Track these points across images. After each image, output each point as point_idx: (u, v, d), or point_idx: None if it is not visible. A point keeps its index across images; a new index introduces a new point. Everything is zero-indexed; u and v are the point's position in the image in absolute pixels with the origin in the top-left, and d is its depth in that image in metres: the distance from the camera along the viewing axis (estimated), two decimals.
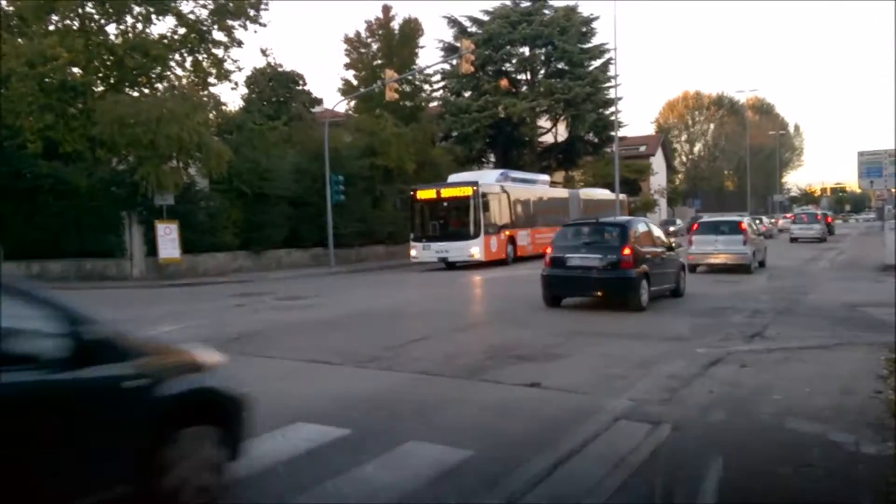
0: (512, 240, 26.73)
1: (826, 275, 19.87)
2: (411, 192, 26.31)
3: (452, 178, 28.58)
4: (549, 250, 13.55)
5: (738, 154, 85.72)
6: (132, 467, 3.55)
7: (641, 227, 13.78)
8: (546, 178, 34.29)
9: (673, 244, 14.94)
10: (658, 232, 14.86)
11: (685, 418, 5.78)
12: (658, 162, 67.90)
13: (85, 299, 17.19)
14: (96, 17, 25.09)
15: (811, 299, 13.93)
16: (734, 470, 4.58)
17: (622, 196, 39.45)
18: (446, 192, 25.73)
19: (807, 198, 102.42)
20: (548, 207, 30.63)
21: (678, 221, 61.42)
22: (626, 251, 12.39)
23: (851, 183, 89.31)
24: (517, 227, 27.49)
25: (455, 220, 25.44)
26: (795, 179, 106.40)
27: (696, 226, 21.81)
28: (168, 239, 22.21)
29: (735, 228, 20.21)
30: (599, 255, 12.60)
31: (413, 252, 25.86)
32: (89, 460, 3.43)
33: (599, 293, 12.89)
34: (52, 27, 24.36)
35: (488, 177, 27.92)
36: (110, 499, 3.48)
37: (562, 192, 33.92)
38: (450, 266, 25.17)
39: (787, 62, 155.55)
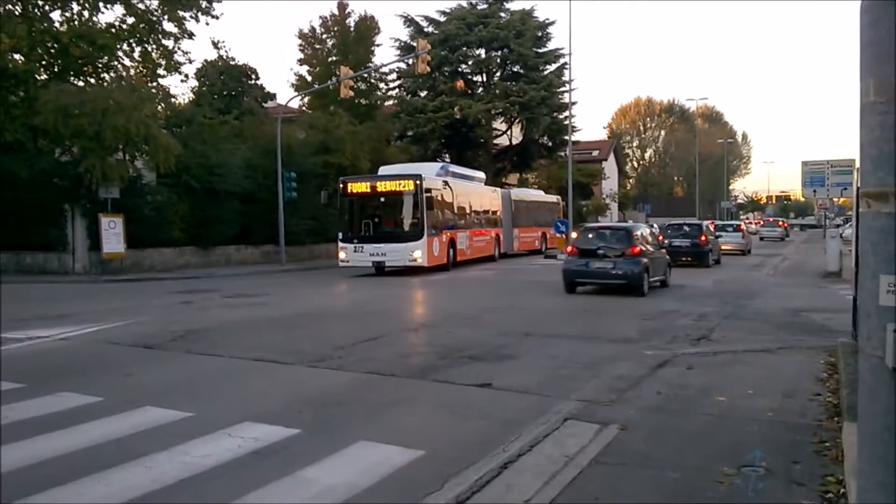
0: (452, 242, 23.88)
1: (770, 280, 20.45)
2: (341, 185, 22.61)
3: (384, 169, 25.49)
4: (570, 248, 17.30)
5: (687, 161, 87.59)
6: None
7: (641, 232, 17.08)
8: (482, 175, 31.50)
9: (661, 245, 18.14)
10: (651, 236, 17.79)
11: (633, 418, 5.86)
12: (610, 167, 68.98)
13: (23, 293, 16.62)
14: (40, 3, 24.29)
15: (755, 304, 14.31)
16: (680, 469, 4.66)
17: (555, 198, 39.73)
18: (384, 186, 22.16)
19: (753, 205, 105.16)
20: (485, 207, 28.64)
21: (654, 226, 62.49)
22: (636, 250, 15.58)
23: (796, 191, 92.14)
24: (457, 227, 24.72)
25: (394, 218, 22.33)
26: (742, 186, 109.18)
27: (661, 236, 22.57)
28: (112, 233, 21.63)
29: (696, 230, 25.47)
30: (620, 250, 15.65)
31: (342, 255, 22.14)
32: None
33: (613, 283, 15.77)
34: None
35: (427, 170, 24.40)
36: None
37: (496, 192, 31.26)
38: (380, 271, 22.17)
39: (737, 72, 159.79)
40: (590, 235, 17.10)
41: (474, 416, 6.02)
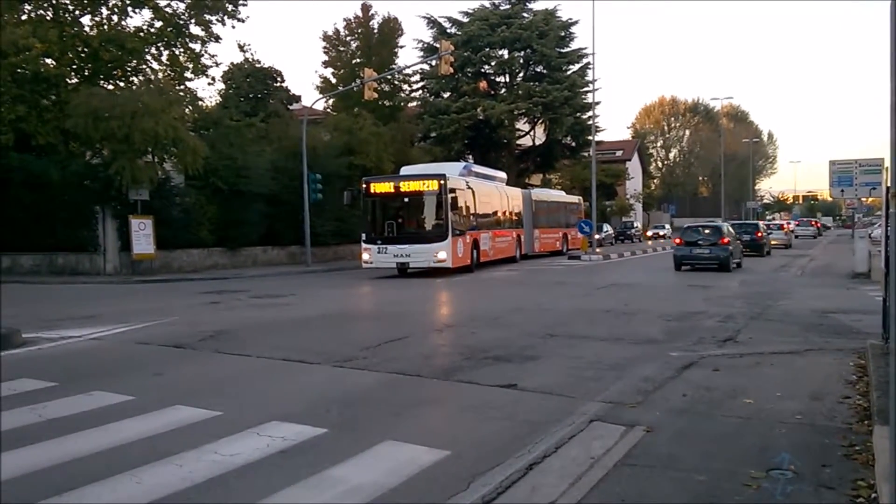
0: (476, 243, 23.86)
1: (797, 281, 20.20)
2: (364, 185, 22.50)
3: (407, 169, 25.48)
4: (678, 240, 24.09)
5: (712, 161, 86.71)
6: None
7: (727, 228, 24.77)
8: (504, 175, 31.41)
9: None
10: (730, 232, 24.29)
11: (659, 420, 5.84)
12: (634, 167, 68.56)
13: (55, 294, 16.95)
14: (70, 7, 24.80)
15: (783, 305, 14.14)
16: (706, 472, 4.65)
17: (576, 199, 39.52)
18: (407, 186, 21.98)
19: (779, 205, 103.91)
20: (507, 207, 28.51)
21: (666, 227, 62.39)
22: (725, 241, 22.86)
23: (823, 191, 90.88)
24: (480, 228, 24.71)
25: (418, 218, 22.20)
26: (768, 186, 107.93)
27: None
28: (142, 234, 21.97)
29: (753, 227, 33.56)
30: (713, 241, 22.90)
31: (365, 256, 22.06)
32: None
33: (709, 264, 22.66)
34: (24, 17, 23.99)
35: (451, 169, 24.24)
36: None
37: (516, 192, 31.10)
38: (403, 272, 22.11)
39: (763, 71, 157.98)
40: (691, 231, 24.03)
41: (499, 417, 6.04)
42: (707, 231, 23.52)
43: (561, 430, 5.60)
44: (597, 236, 34.41)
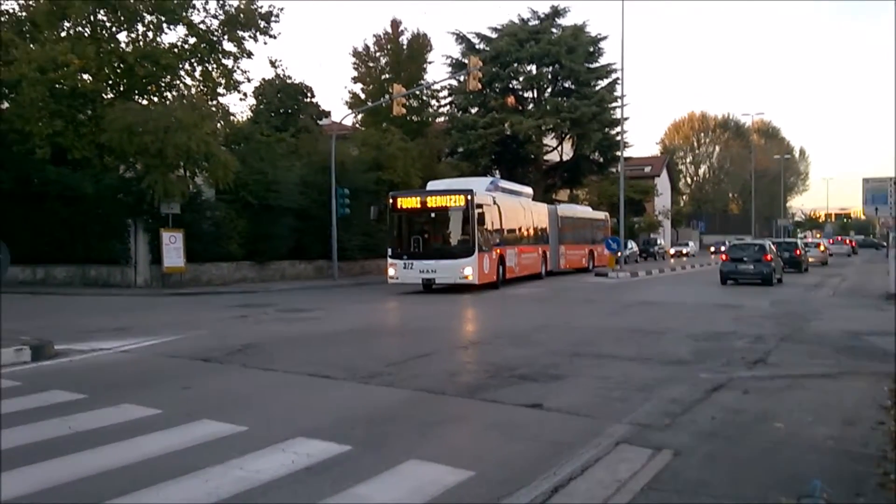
0: (502, 259, 23.75)
1: (829, 302, 19.83)
2: (391, 200, 22.61)
3: (433, 184, 25.37)
4: (724, 256, 26.81)
5: (742, 177, 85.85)
6: None
7: (769, 245, 27.02)
8: (530, 190, 31.34)
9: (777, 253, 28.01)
10: (772, 249, 26.47)
11: (687, 444, 5.75)
12: (663, 183, 68.06)
13: (87, 306, 17.24)
14: (108, 24, 25.39)
15: (814, 326, 13.89)
16: (736, 498, 4.56)
17: (602, 215, 39.23)
18: (434, 201, 21.99)
19: (811, 223, 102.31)
20: (532, 223, 28.32)
21: (690, 244, 61.68)
22: (768, 257, 25.14)
23: (856, 208, 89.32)
24: (506, 244, 24.59)
25: (444, 233, 22.15)
26: (800, 204, 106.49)
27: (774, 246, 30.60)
28: (173, 247, 22.27)
29: (793, 245, 35.61)
30: (756, 258, 25.13)
31: (391, 271, 22.02)
32: None
33: (753, 279, 24.88)
34: (63, 33, 24.63)
35: (477, 184, 24.15)
36: None
37: (542, 207, 30.91)
38: (428, 288, 22.03)
39: (794, 86, 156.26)
40: (736, 248, 26.90)
41: (524, 437, 6.00)
42: (751, 248, 26.22)
43: (587, 451, 5.53)
44: (614, 253, 34.08)
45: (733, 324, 13.97)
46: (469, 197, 21.49)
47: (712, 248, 66.58)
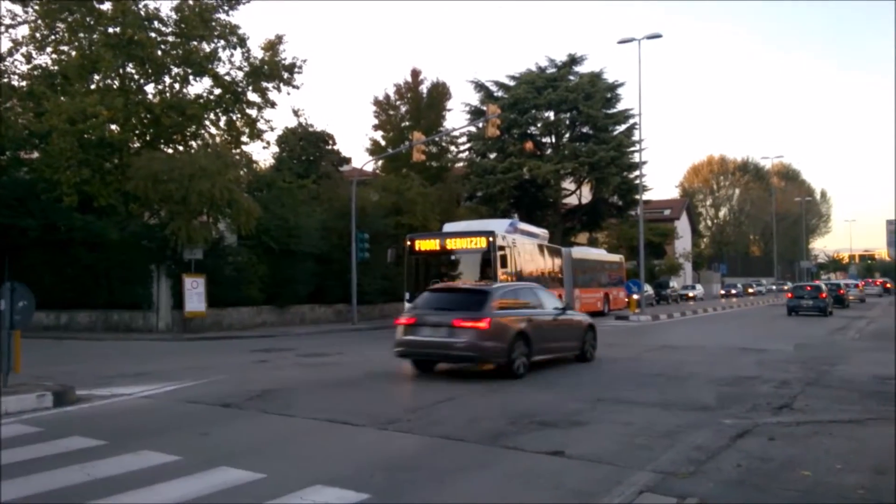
0: None
1: (855, 345, 19.48)
2: (408, 242, 22.45)
3: (449, 226, 25.14)
4: (790, 294, 35.63)
5: (763, 219, 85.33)
6: None
7: (825, 285, 37.58)
8: (546, 232, 30.93)
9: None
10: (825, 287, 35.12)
11: (712, 492, 5.64)
12: (683, 226, 67.84)
13: (109, 351, 17.31)
14: (136, 76, 26.07)
15: (840, 370, 13.63)
16: None
17: (618, 258, 39.01)
18: (454, 243, 21.80)
19: (835, 265, 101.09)
20: (548, 265, 28.05)
21: (697, 286, 61.02)
22: (824, 295, 33.96)
23: (881, 250, 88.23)
24: None
25: (464, 276, 21.72)
26: (822, 245, 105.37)
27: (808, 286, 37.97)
28: (195, 293, 22.43)
29: (836, 287, 43.66)
30: (814, 295, 33.91)
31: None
32: None
33: (812, 312, 33.04)
34: (93, 86, 25.30)
35: (497, 226, 23.84)
36: None
37: (557, 250, 30.65)
38: None
39: (814, 129, 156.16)
40: (798, 288, 35.94)
41: (546, 486, 5.91)
42: (810, 288, 35.62)
43: (610, 500, 5.44)
44: (635, 297, 33.81)
45: (757, 368, 13.75)
46: (491, 239, 21.37)
47: (723, 291, 66.27)
